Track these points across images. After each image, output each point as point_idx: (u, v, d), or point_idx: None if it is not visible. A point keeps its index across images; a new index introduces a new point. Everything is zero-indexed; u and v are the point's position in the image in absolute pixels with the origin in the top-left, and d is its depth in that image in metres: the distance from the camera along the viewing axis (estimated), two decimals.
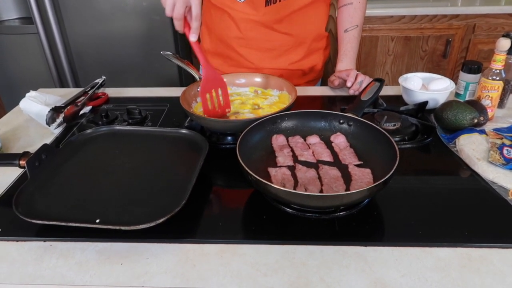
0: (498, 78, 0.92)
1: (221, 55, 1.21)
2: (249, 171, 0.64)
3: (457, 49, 2.11)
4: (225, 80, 1.03)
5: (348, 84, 1.09)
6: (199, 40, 0.87)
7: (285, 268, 0.59)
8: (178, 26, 0.82)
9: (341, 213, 0.68)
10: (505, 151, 0.80)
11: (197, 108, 0.97)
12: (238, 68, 1.17)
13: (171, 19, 0.82)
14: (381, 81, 0.96)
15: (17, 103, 1.04)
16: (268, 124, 0.83)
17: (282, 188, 0.61)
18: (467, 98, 1.02)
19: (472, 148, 0.82)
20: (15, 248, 0.64)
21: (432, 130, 0.91)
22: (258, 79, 1.04)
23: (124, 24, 1.91)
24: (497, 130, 0.89)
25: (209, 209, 0.72)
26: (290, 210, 0.69)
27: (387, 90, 1.14)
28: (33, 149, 0.78)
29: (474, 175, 0.78)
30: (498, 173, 0.76)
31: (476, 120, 0.89)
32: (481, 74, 0.97)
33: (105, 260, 0.62)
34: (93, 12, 1.89)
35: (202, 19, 1.23)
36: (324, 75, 1.37)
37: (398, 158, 0.66)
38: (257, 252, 0.62)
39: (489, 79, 0.93)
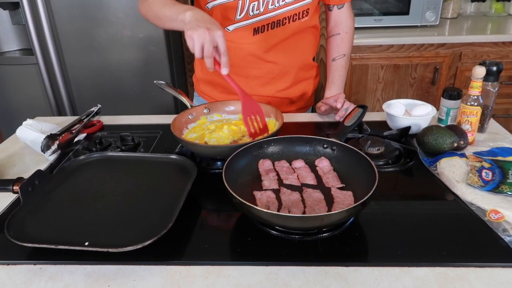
0: (476, 103, 0.96)
1: (211, 82, 1.26)
2: (233, 193, 0.66)
3: (445, 76, 2.17)
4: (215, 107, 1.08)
5: (338, 105, 1.13)
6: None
7: None
8: (209, 63, 0.88)
9: (324, 234, 0.70)
10: (483, 174, 0.82)
11: (188, 135, 1.01)
12: (228, 95, 1.22)
13: (167, 48, 0.87)
14: (364, 108, 1.00)
15: (15, 131, 1.07)
16: (254, 149, 0.86)
17: (264, 210, 0.64)
18: (448, 123, 1.06)
19: (452, 171, 0.85)
20: (5, 272, 0.66)
21: (414, 154, 0.94)
22: None
23: (121, 55, 1.98)
24: (477, 153, 0.92)
25: (197, 232, 0.74)
26: (275, 232, 0.71)
27: (373, 116, 1.18)
28: (27, 175, 0.81)
29: (454, 197, 0.81)
30: (476, 195, 0.78)
31: (456, 144, 0.92)
32: (461, 100, 1.01)
33: (93, 283, 0.63)
34: (91, 43, 1.95)
35: None
36: (315, 103, 1.41)
37: (377, 181, 0.69)
38: (241, 273, 0.64)
39: (468, 105, 0.97)
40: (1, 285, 0.63)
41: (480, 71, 0.93)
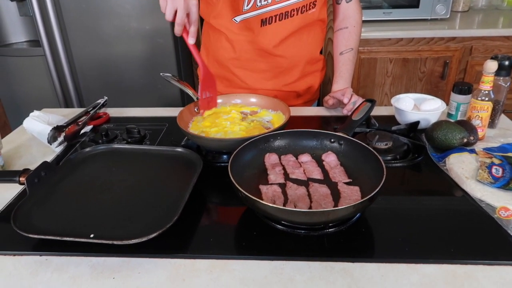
0: (487, 98, 0.95)
1: (217, 76, 1.24)
2: (239, 187, 0.66)
3: (455, 70, 2.14)
4: (221, 100, 1.07)
5: (345, 100, 1.11)
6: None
7: (272, 284, 0.61)
8: (179, 30, 0.88)
9: (330, 229, 0.69)
10: (493, 170, 0.81)
11: (194, 128, 1.00)
12: (234, 88, 1.21)
13: (174, 41, 0.87)
14: (372, 102, 0.98)
15: (23, 123, 1.08)
16: (261, 143, 0.85)
17: (270, 204, 0.63)
18: (458, 118, 1.04)
19: (462, 167, 0.84)
20: (12, 262, 0.66)
21: (423, 149, 0.93)
22: (253, 99, 1.08)
23: (128, 47, 1.97)
24: (487, 149, 0.91)
25: (202, 225, 0.73)
26: (280, 226, 0.70)
27: (381, 111, 1.16)
28: (34, 166, 0.81)
29: (463, 193, 0.79)
30: (486, 192, 0.77)
31: (465, 140, 0.90)
32: (472, 94, 0.99)
33: (98, 275, 0.63)
34: (98, 35, 1.95)
35: (202, 40, 1.28)
36: (322, 96, 1.40)
37: (384, 176, 0.68)
38: (246, 268, 0.64)
39: (479, 100, 0.95)
40: (7, 276, 0.64)
41: (492, 66, 0.91)
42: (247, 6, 1.09)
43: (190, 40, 0.91)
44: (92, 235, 0.65)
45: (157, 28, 1.92)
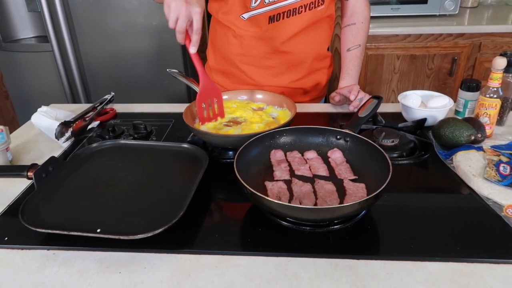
0: (495, 96, 0.94)
1: (224, 72, 1.25)
2: (244, 184, 0.66)
3: (463, 67, 2.12)
4: (226, 96, 1.07)
5: (352, 97, 1.11)
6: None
7: (277, 280, 0.61)
8: (180, 38, 0.86)
9: (335, 226, 0.69)
10: (501, 168, 0.80)
11: (200, 124, 1.00)
12: (240, 85, 1.21)
13: None
14: (379, 99, 0.98)
15: (31, 118, 1.08)
16: (266, 139, 0.85)
17: (275, 201, 0.63)
18: (466, 116, 1.03)
19: (469, 165, 0.83)
20: (20, 256, 0.67)
21: (430, 146, 0.92)
22: (259, 95, 1.08)
23: (134, 43, 1.98)
24: (495, 147, 0.90)
25: (208, 221, 0.74)
26: (286, 223, 0.70)
27: (388, 107, 1.16)
28: (42, 161, 0.82)
29: (470, 191, 0.79)
30: (493, 190, 0.76)
31: (473, 137, 0.90)
32: (480, 92, 0.98)
33: (105, 269, 0.64)
34: (105, 31, 1.96)
35: (208, 36, 1.28)
36: (329, 93, 1.39)
37: (390, 174, 0.67)
38: (251, 264, 0.64)
39: (487, 97, 0.94)
40: (15, 269, 0.65)
41: (500, 62, 0.90)
42: (255, 3, 1.08)
43: (191, 49, 0.88)
44: (98, 230, 0.66)
45: (164, 24, 1.89)
